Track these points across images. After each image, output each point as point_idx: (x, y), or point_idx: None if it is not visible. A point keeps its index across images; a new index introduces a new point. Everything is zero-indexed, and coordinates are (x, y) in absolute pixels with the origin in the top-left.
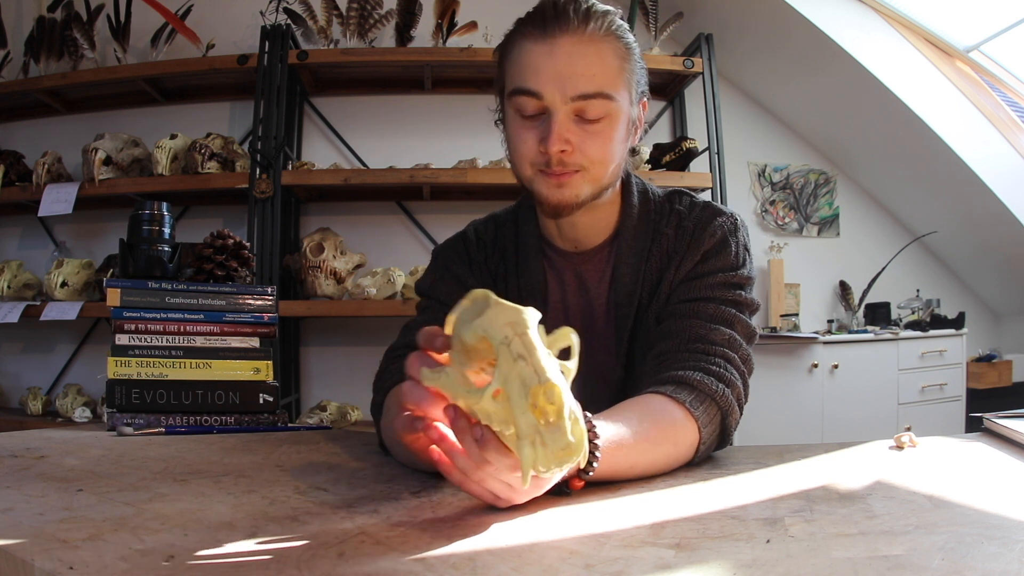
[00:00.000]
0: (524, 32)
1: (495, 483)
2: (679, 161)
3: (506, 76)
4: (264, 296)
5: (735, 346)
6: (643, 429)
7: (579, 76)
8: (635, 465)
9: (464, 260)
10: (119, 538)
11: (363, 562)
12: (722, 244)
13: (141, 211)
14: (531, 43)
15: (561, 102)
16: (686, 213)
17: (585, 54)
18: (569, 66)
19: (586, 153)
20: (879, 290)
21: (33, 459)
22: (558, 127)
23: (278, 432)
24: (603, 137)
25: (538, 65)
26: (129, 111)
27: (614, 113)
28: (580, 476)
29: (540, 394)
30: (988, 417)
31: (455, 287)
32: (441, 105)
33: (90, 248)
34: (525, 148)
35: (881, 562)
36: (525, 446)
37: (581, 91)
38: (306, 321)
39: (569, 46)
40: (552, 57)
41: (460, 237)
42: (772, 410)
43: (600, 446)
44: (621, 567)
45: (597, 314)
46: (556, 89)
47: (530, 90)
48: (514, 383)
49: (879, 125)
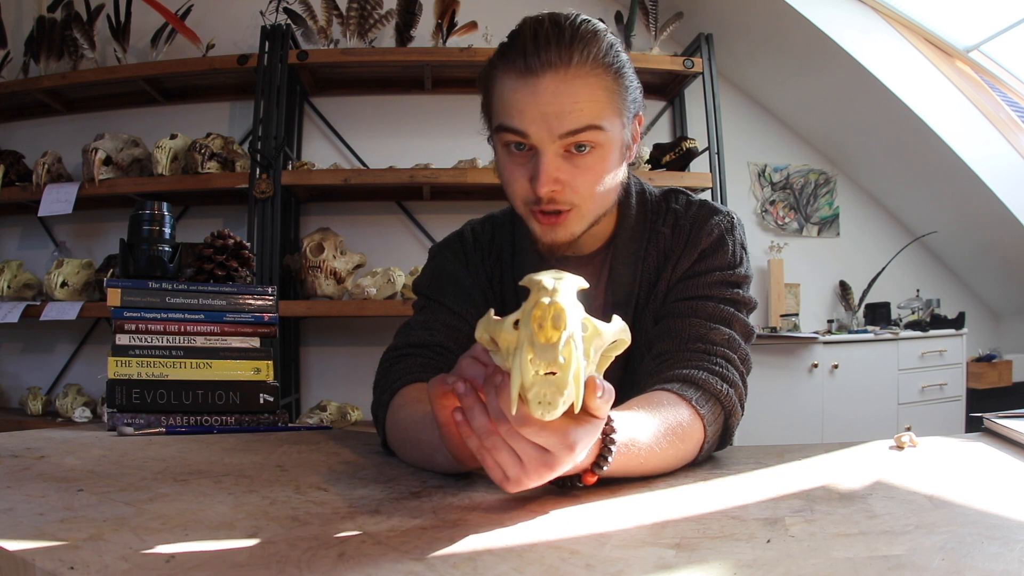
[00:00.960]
0: (506, 67)
1: (506, 454)
2: (679, 161)
3: (492, 108)
4: (264, 296)
5: (734, 346)
6: (656, 427)
7: (566, 114)
8: (646, 463)
9: (461, 259)
10: (119, 538)
11: (363, 562)
12: (719, 242)
13: (141, 211)
14: (514, 80)
15: (549, 141)
16: (682, 212)
17: (571, 92)
18: (555, 105)
19: (577, 190)
20: (879, 290)
21: (33, 459)
22: (546, 168)
23: (278, 432)
24: (594, 171)
25: (522, 105)
26: (129, 111)
27: (604, 144)
28: (593, 470)
29: (548, 315)
30: (988, 417)
31: (452, 286)
32: (441, 105)
33: (90, 248)
34: (516, 186)
35: (881, 562)
36: (516, 356)
37: (568, 128)
38: (306, 321)
39: (554, 85)
40: (536, 96)
41: (457, 236)
42: (772, 410)
43: (617, 440)
44: (621, 567)
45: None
46: (543, 129)
47: (516, 129)
48: (528, 307)
49: (879, 125)
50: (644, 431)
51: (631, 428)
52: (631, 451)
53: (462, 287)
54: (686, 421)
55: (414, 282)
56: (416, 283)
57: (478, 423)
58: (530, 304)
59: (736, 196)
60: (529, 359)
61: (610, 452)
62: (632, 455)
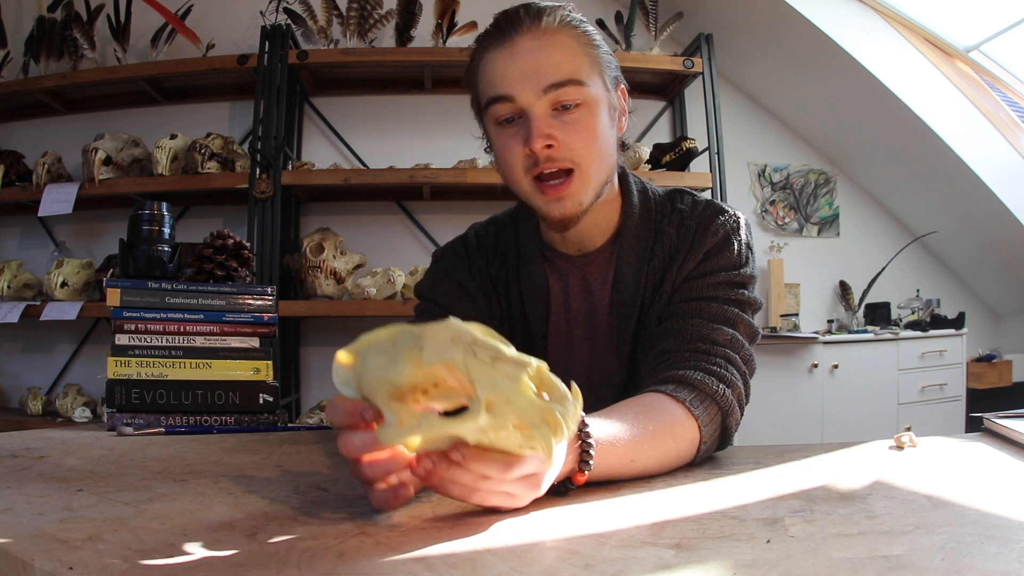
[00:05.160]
0: (484, 46)
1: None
2: (679, 161)
3: (479, 93)
4: (264, 296)
5: (737, 346)
6: (640, 424)
7: (545, 69)
8: (635, 460)
9: (464, 264)
10: (119, 538)
11: (363, 562)
12: (724, 243)
13: (141, 211)
14: (492, 53)
15: (534, 98)
16: (688, 212)
17: (546, 47)
18: (533, 62)
19: (572, 146)
20: (879, 290)
21: (33, 459)
22: (537, 123)
23: (278, 432)
24: (584, 126)
25: (503, 70)
26: (129, 111)
27: (590, 100)
28: (580, 468)
29: (536, 379)
30: (988, 417)
31: (455, 291)
32: (441, 105)
33: (90, 248)
34: (512, 156)
35: (881, 562)
36: (542, 431)
37: (550, 81)
38: (306, 321)
39: (528, 43)
40: (514, 58)
41: (461, 241)
42: (772, 410)
43: (593, 435)
44: (621, 567)
45: (601, 316)
46: (526, 87)
47: (501, 95)
48: (504, 384)
49: (879, 125)
50: (627, 430)
51: (613, 427)
52: (616, 448)
53: (465, 292)
54: (678, 421)
55: (416, 286)
56: (418, 287)
57: (457, 493)
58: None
59: (736, 196)
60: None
61: (590, 447)
62: (618, 453)
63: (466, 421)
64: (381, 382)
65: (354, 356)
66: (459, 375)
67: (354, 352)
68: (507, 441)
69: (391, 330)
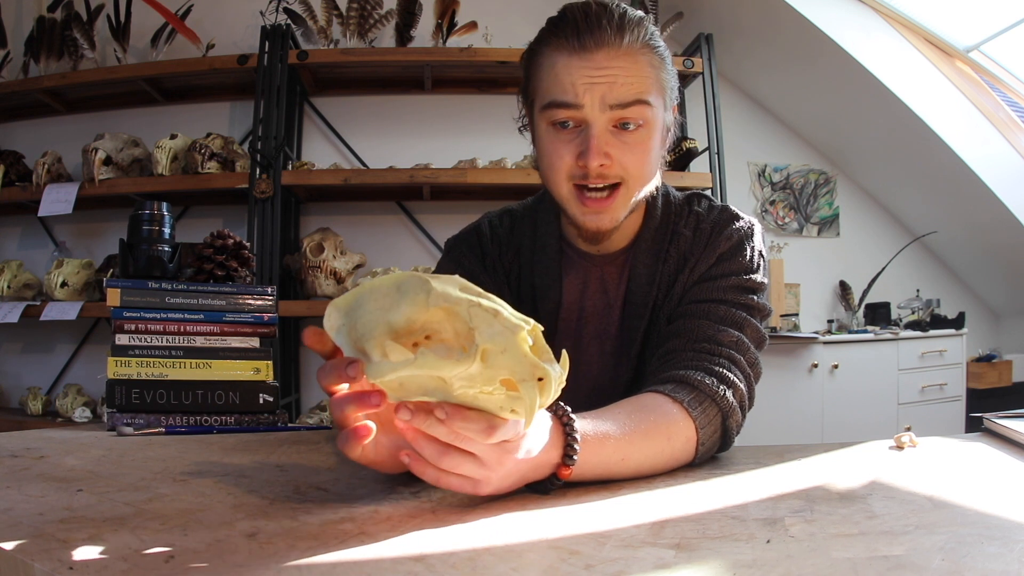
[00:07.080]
0: (557, 43)
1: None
2: (679, 161)
3: (538, 87)
4: (264, 296)
5: (742, 348)
6: (632, 423)
7: (618, 86)
8: (626, 458)
9: (477, 255)
10: (119, 538)
11: (363, 562)
12: (737, 247)
13: (141, 211)
14: (566, 55)
15: (600, 112)
16: (704, 215)
17: (624, 67)
18: (608, 78)
19: (625, 166)
20: (879, 290)
21: (33, 459)
22: (597, 141)
23: (278, 432)
24: (641, 148)
25: (575, 78)
26: (129, 111)
27: (650, 121)
28: (565, 462)
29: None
30: (988, 417)
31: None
32: (441, 105)
33: (90, 248)
34: (562, 163)
35: (881, 562)
36: (528, 387)
37: (619, 100)
38: (306, 321)
39: (606, 59)
40: (589, 70)
41: (474, 230)
42: (772, 410)
43: (580, 430)
44: (621, 567)
45: (613, 316)
46: (595, 101)
47: (567, 102)
48: (502, 335)
49: (879, 125)
50: (618, 428)
51: (603, 424)
52: (605, 445)
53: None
54: (673, 421)
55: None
56: None
57: (428, 452)
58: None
59: (736, 196)
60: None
61: (575, 440)
62: (607, 450)
63: (460, 364)
64: (378, 323)
65: (350, 301)
66: (459, 322)
67: (350, 298)
68: (489, 400)
69: (395, 276)
